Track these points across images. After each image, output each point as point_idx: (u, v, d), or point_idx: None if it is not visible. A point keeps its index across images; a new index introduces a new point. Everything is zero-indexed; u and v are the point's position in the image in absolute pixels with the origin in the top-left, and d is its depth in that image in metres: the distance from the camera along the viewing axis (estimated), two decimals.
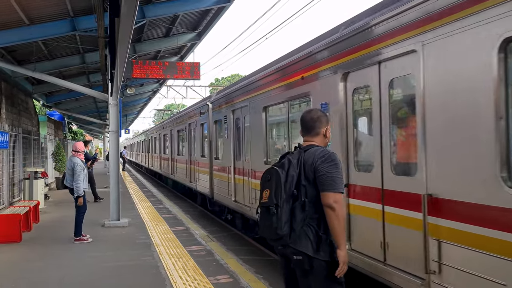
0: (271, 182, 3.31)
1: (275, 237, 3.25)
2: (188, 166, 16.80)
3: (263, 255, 9.12)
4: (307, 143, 3.53)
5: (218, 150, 12.61)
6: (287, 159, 3.38)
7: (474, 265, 3.65)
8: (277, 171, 3.30)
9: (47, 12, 10.06)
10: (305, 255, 3.22)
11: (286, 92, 7.38)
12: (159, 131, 26.79)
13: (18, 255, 8.07)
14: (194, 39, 15.02)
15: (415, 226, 4.27)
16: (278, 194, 3.22)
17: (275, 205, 3.20)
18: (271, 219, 3.21)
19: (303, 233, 3.24)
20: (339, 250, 3.24)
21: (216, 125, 12.72)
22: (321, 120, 3.55)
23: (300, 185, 3.28)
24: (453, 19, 3.86)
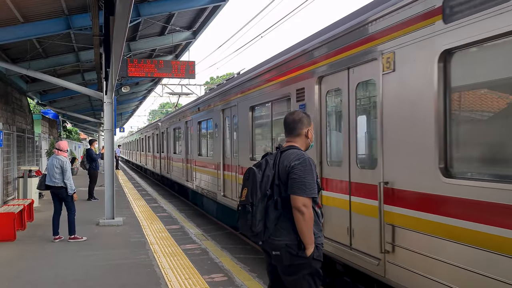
0: (249, 181, 3.45)
1: (250, 233, 3.42)
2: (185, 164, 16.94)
3: (258, 253, 9.14)
4: (288, 143, 3.62)
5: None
6: (264, 159, 3.53)
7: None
8: (254, 171, 3.45)
9: (42, 10, 10.02)
10: (283, 250, 3.36)
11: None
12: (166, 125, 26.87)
13: (12, 253, 8.05)
14: (189, 37, 15.01)
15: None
16: (253, 193, 3.37)
17: (250, 204, 3.35)
18: (246, 217, 3.37)
19: (278, 229, 3.38)
20: (306, 250, 3.34)
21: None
22: (302, 121, 3.62)
23: (274, 184, 3.41)
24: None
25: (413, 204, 4.40)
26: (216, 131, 11.73)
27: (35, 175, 13.93)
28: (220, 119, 11.36)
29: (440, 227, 4.06)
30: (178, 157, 18.41)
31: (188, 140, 16.28)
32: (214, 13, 12.54)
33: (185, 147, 16.64)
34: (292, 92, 6.89)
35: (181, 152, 17.70)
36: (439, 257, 4.10)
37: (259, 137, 9.32)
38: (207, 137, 13.42)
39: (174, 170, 19.35)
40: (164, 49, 17.04)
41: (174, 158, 19.52)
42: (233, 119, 10.37)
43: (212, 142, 12.49)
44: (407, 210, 4.49)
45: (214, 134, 12.18)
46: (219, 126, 11.48)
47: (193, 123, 15.39)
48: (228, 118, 10.90)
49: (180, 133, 17.97)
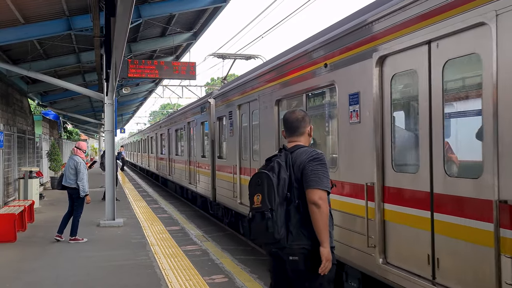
0: (262, 187, 3.28)
1: (271, 241, 3.25)
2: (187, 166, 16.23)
3: (259, 254, 9.13)
4: (292, 143, 3.56)
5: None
6: (275, 162, 3.37)
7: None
8: (268, 175, 3.29)
9: (43, 11, 10.02)
10: (301, 255, 3.25)
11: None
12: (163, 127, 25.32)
13: (12, 255, 8.05)
14: (190, 38, 15.00)
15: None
16: (271, 198, 3.22)
17: (269, 210, 3.19)
18: (266, 224, 3.20)
19: (300, 233, 3.27)
20: (322, 248, 3.25)
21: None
22: (305, 119, 3.61)
23: (292, 187, 3.30)
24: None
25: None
26: (231, 130, 10.38)
27: (35, 176, 13.95)
28: (237, 116, 9.98)
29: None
30: (180, 158, 17.77)
31: (194, 141, 15.13)
32: (215, 14, 12.53)
33: (188, 148, 15.94)
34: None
35: (183, 153, 17.08)
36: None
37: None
38: (220, 137, 11.95)
39: (177, 172, 18.79)
40: (165, 50, 17.04)
41: (176, 160, 18.87)
42: (252, 115, 9.17)
43: (226, 143, 11.16)
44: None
45: (227, 134, 10.87)
46: (234, 124, 10.13)
47: (196, 122, 14.51)
48: (245, 114, 9.58)
49: (190, 133, 16.20)
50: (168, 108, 69.55)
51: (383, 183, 4.79)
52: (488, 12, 3.50)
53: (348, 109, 5.33)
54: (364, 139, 5.04)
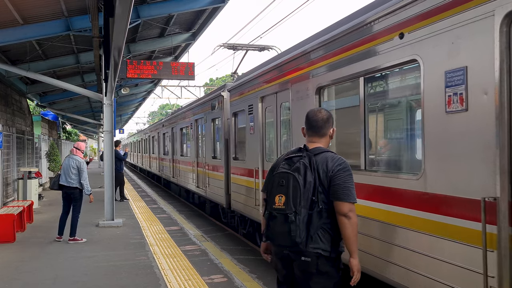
0: (286, 188, 3.20)
1: (291, 244, 3.18)
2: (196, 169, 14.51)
3: (258, 254, 9.14)
4: (313, 144, 3.48)
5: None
6: (301, 163, 3.27)
7: None
8: (294, 176, 3.21)
9: (41, 12, 10.03)
10: (314, 257, 3.21)
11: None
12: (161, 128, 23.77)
13: (11, 255, 8.05)
14: (188, 39, 15.02)
15: None
16: (296, 201, 3.14)
17: (294, 213, 3.13)
18: (289, 227, 3.13)
19: (318, 238, 3.22)
20: (352, 259, 3.24)
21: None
22: (329, 121, 3.54)
23: (317, 191, 3.22)
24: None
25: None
26: (252, 127, 8.87)
27: (34, 177, 13.96)
28: (259, 110, 8.44)
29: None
30: (185, 159, 16.49)
31: (203, 141, 13.67)
32: (213, 15, 12.55)
33: (196, 149, 14.56)
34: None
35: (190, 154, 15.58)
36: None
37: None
38: (236, 135, 10.34)
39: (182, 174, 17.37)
40: (164, 51, 17.05)
41: (181, 161, 17.53)
42: (281, 109, 7.59)
43: (245, 142, 9.43)
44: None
45: (247, 132, 9.23)
46: (256, 120, 8.57)
47: (206, 119, 13.13)
48: (271, 108, 8.03)
49: (197, 132, 14.72)
50: (167, 108, 69.54)
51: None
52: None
53: (443, 92, 3.89)
54: (475, 133, 3.57)
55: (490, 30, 3.43)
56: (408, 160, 4.86)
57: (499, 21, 3.36)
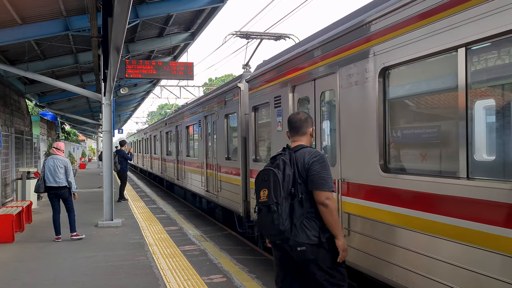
0: (268, 182, 3.53)
1: (276, 232, 3.50)
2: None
3: (257, 254, 9.14)
4: (295, 143, 3.83)
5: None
6: (281, 159, 3.62)
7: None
8: (274, 171, 3.54)
9: (40, 12, 10.02)
10: (308, 245, 3.51)
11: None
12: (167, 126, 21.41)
13: (10, 255, 8.04)
14: (187, 39, 15.02)
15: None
16: (277, 193, 3.47)
17: (275, 203, 3.45)
18: (272, 216, 3.46)
19: (303, 226, 3.52)
20: (337, 240, 3.57)
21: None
22: (307, 121, 3.89)
23: (296, 183, 3.55)
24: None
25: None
26: (280, 122, 7.43)
27: (33, 177, 13.93)
28: (289, 102, 7.01)
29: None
30: (191, 160, 15.14)
31: (214, 140, 12.31)
32: (212, 14, 12.56)
33: (205, 149, 13.15)
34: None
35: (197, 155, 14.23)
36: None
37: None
38: (257, 133, 8.96)
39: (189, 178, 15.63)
40: (163, 51, 17.06)
41: (186, 162, 15.98)
42: (322, 98, 6.11)
43: (270, 141, 8.06)
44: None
45: (273, 128, 7.77)
46: (286, 113, 7.05)
47: (218, 115, 11.62)
48: (306, 99, 6.60)
49: (206, 130, 13.18)
50: (166, 108, 69.53)
51: None
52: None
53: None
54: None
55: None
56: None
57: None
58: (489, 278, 3.39)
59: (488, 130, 3.99)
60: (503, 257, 3.25)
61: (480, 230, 3.45)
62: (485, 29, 3.47)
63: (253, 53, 11.72)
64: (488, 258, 3.39)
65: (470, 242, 3.55)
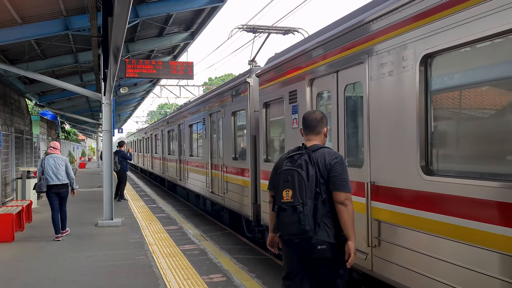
0: (291, 182, 3.58)
1: (300, 232, 3.54)
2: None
3: (257, 254, 9.15)
4: (310, 142, 3.88)
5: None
6: (303, 160, 3.66)
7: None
8: (298, 172, 3.59)
9: (40, 12, 10.03)
10: (328, 243, 3.59)
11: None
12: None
13: (10, 255, 8.04)
14: (187, 38, 15.03)
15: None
16: (302, 193, 3.53)
17: (301, 204, 3.50)
18: (298, 217, 3.50)
19: (324, 225, 3.62)
20: (350, 242, 3.62)
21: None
22: (323, 120, 3.93)
23: (319, 183, 3.63)
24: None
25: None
26: (295, 119, 6.88)
27: (33, 176, 13.93)
28: (307, 97, 6.41)
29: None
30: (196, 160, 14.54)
31: (219, 139, 11.73)
32: (212, 14, 12.55)
33: (209, 148, 12.54)
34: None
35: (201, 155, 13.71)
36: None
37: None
38: (268, 131, 8.45)
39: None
40: (163, 50, 17.06)
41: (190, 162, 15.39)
42: (345, 93, 5.52)
43: (284, 140, 7.49)
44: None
45: (287, 126, 7.21)
46: (302, 109, 6.56)
47: (224, 113, 11.06)
48: (326, 94, 6.16)
49: (211, 129, 12.66)
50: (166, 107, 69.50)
51: None
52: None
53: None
54: None
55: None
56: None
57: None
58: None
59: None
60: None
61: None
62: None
63: (260, 47, 11.10)
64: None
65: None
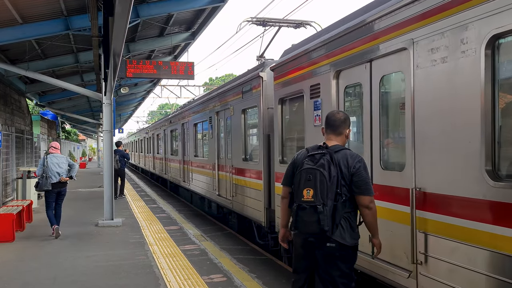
0: (313, 182, 3.59)
1: (318, 231, 3.57)
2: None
3: (257, 254, 9.14)
4: (331, 142, 3.87)
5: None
6: (326, 160, 3.66)
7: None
8: (320, 172, 3.60)
9: (41, 11, 10.03)
10: (338, 242, 3.62)
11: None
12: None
13: (11, 254, 8.04)
14: (188, 38, 15.02)
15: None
16: (324, 193, 3.55)
17: (322, 204, 3.54)
18: (317, 216, 3.54)
19: (340, 225, 3.65)
20: (374, 239, 3.84)
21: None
22: (346, 122, 3.94)
23: (340, 184, 3.63)
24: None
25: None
26: (318, 116, 6.25)
27: (34, 176, 13.92)
28: (333, 92, 5.80)
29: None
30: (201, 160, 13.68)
31: (227, 138, 11.08)
32: (213, 14, 12.55)
33: (216, 148, 11.95)
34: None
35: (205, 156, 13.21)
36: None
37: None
38: (284, 130, 7.81)
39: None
40: (163, 50, 17.06)
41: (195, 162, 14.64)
42: (379, 84, 4.93)
43: (304, 138, 6.73)
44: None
45: (308, 123, 6.62)
46: (326, 104, 5.98)
47: (233, 110, 10.40)
48: (353, 86, 5.57)
49: (218, 127, 11.96)
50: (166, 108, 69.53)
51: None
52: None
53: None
54: None
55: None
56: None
57: None
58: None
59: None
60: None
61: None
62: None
63: (270, 41, 10.42)
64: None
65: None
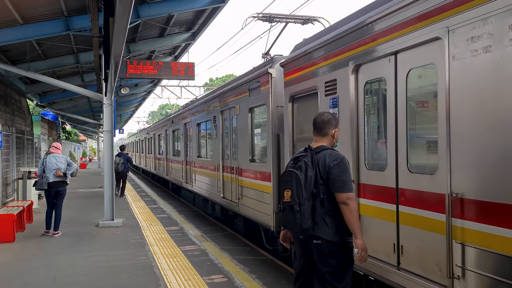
0: (291, 183, 3.71)
1: (299, 230, 3.70)
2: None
3: (257, 255, 9.14)
4: (316, 143, 3.94)
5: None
6: (303, 161, 3.76)
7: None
8: (296, 173, 3.70)
9: (41, 12, 10.03)
10: (323, 239, 3.67)
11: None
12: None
13: (11, 255, 8.04)
14: (188, 39, 15.02)
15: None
16: (299, 193, 3.65)
17: (298, 204, 3.64)
18: (294, 216, 3.65)
19: (323, 222, 3.69)
20: (356, 239, 3.68)
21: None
22: (330, 122, 3.96)
23: (318, 184, 3.70)
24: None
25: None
26: (335, 113, 5.63)
27: (34, 177, 13.93)
28: (351, 88, 5.39)
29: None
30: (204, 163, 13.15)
31: (233, 138, 10.62)
32: (213, 15, 12.54)
33: (221, 149, 11.44)
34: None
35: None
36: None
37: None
38: (295, 128, 7.29)
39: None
40: (164, 51, 17.06)
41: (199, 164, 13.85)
42: (405, 80, 4.51)
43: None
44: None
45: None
46: (344, 102, 5.55)
47: (239, 109, 9.92)
48: (375, 82, 5.17)
49: (222, 127, 11.45)
50: (167, 108, 69.55)
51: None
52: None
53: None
54: None
55: None
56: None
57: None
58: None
59: None
60: None
61: None
62: None
63: (277, 38, 9.93)
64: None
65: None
